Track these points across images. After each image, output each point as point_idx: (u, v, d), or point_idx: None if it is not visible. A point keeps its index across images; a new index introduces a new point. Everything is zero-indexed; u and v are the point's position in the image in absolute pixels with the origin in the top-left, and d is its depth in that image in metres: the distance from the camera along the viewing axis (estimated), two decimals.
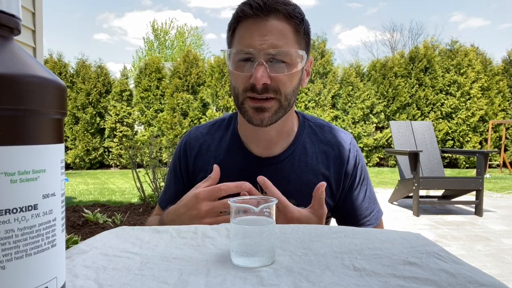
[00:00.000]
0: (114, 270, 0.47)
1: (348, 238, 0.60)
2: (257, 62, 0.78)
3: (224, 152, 0.94)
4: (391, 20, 53.99)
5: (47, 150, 0.24)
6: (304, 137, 0.94)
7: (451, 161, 10.18)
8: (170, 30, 26.27)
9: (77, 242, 2.72)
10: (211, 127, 1.00)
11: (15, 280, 0.23)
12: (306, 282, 0.43)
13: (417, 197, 4.18)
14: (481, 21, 53.99)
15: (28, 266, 0.23)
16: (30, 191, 0.23)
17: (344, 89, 10.05)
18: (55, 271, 0.26)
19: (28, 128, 0.23)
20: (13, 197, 0.23)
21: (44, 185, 0.25)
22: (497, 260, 2.77)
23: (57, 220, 0.26)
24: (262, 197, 0.53)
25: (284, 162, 0.90)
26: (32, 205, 0.23)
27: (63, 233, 0.28)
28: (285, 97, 0.82)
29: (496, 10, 55.80)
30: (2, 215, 0.22)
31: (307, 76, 0.92)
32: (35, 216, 0.24)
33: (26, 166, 0.23)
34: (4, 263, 0.22)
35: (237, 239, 0.49)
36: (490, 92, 10.00)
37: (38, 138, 0.24)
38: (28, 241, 0.23)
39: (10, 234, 0.22)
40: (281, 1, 0.80)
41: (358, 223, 0.94)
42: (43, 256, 0.25)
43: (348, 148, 0.94)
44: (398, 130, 4.97)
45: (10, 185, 0.22)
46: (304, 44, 0.84)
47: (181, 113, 9.91)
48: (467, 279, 0.43)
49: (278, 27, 0.79)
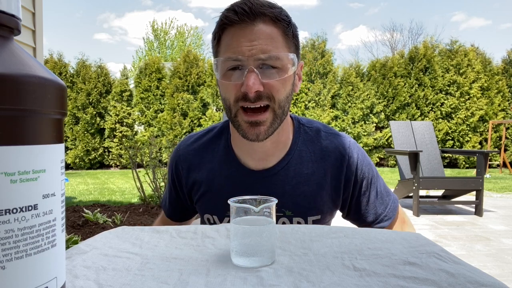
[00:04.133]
0: (114, 270, 0.47)
1: (348, 238, 0.60)
2: (247, 69, 0.74)
3: (218, 164, 0.91)
4: (392, 20, 53.99)
5: (47, 150, 0.24)
6: (299, 145, 0.90)
7: (451, 161, 10.17)
8: (170, 30, 26.27)
9: (77, 242, 2.71)
10: (201, 138, 0.96)
11: (15, 280, 0.23)
12: (306, 282, 0.43)
13: (417, 197, 4.18)
14: (483, 21, 54.00)
15: (28, 266, 0.23)
16: (30, 191, 0.23)
17: (344, 89, 10.05)
18: (55, 271, 0.26)
19: (28, 128, 0.23)
20: (13, 197, 0.22)
21: (44, 185, 0.24)
22: (497, 260, 2.77)
23: (57, 220, 0.26)
24: (262, 197, 0.53)
25: (279, 173, 0.87)
26: (32, 205, 0.23)
27: (63, 233, 0.28)
28: (279, 104, 0.78)
29: (497, 10, 55.78)
30: (2, 215, 0.22)
31: (299, 80, 0.88)
32: (35, 216, 0.24)
33: (26, 166, 0.23)
34: (4, 263, 0.22)
35: (237, 239, 0.49)
36: (490, 92, 10.00)
37: (38, 138, 0.24)
38: (28, 241, 0.23)
39: (10, 234, 0.22)
40: (266, 4, 0.77)
41: (377, 220, 0.91)
42: (43, 256, 0.25)
43: (346, 153, 0.90)
44: (398, 130, 4.96)
45: (10, 185, 0.22)
46: (294, 48, 0.81)
47: (181, 113, 9.90)
48: (467, 279, 0.43)
49: (266, 31, 0.76)
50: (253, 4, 0.76)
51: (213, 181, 0.90)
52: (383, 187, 0.95)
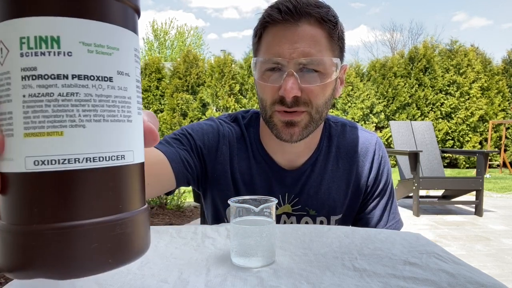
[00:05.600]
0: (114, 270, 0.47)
1: (348, 238, 0.60)
2: (286, 72, 0.71)
3: (251, 154, 0.86)
4: (392, 20, 54.03)
5: (121, 32, 0.27)
6: (325, 142, 0.88)
7: (451, 161, 10.18)
8: (170, 30, 26.28)
9: None
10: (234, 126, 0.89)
11: (94, 140, 0.25)
12: (306, 283, 0.43)
13: (417, 197, 4.18)
14: (484, 20, 54.02)
15: (105, 130, 0.25)
16: (106, 63, 0.25)
17: (344, 89, 10.05)
18: (132, 145, 0.27)
19: (107, 8, 0.26)
20: (90, 65, 0.25)
21: (119, 62, 0.26)
22: (497, 260, 2.77)
23: (132, 100, 0.27)
24: (262, 197, 0.53)
25: (306, 173, 0.85)
26: (108, 77, 0.25)
27: (139, 116, 0.28)
28: (317, 110, 0.75)
29: (499, 10, 55.78)
30: (81, 79, 0.24)
31: (341, 84, 0.83)
32: (111, 88, 0.25)
33: (102, 41, 0.25)
34: (84, 122, 0.24)
35: (237, 239, 0.49)
36: (490, 92, 10.00)
37: (114, 19, 0.26)
38: (105, 108, 0.25)
39: (89, 98, 0.24)
40: (313, 4, 0.72)
41: None
42: (120, 126, 0.26)
43: (372, 149, 0.87)
44: (398, 130, 4.97)
45: (88, 54, 0.24)
46: (338, 51, 0.77)
47: (181, 114, 9.91)
48: (467, 279, 0.43)
49: (310, 32, 0.71)
50: (299, 3, 0.71)
51: (247, 173, 0.86)
52: (394, 204, 0.91)
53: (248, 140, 0.87)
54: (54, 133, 0.24)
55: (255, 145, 0.87)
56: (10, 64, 0.24)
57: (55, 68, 0.24)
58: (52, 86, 0.24)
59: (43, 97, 0.23)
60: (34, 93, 0.23)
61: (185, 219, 3.88)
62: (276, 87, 0.73)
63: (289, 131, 0.75)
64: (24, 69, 0.23)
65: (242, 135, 0.88)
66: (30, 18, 0.23)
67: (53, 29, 0.23)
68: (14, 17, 0.24)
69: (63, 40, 0.24)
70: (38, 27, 0.23)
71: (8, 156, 0.24)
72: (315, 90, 0.73)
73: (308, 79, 0.73)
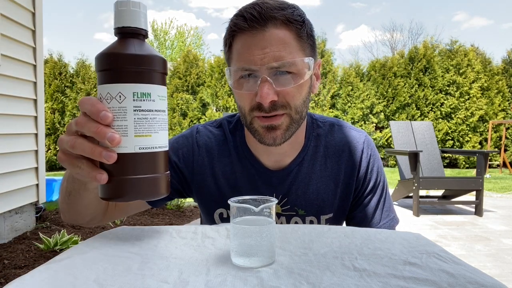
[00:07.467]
0: (114, 270, 0.47)
1: (348, 238, 0.60)
2: (260, 78, 0.71)
3: (236, 160, 0.87)
4: (392, 20, 54.00)
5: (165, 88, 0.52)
6: (312, 141, 0.88)
7: (451, 161, 10.17)
8: (170, 30, 26.27)
9: (77, 242, 2.71)
10: (217, 129, 0.92)
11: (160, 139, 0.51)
12: (307, 284, 0.43)
13: (417, 197, 4.18)
14: (485, 20, 53.94)
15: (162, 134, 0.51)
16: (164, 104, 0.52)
17: (344, 89, 10.05)
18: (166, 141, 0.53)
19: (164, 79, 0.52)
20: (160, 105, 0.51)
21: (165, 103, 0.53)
22: (497, 260, 2.77)
23: (166, 120, 0.53)
24: (262, 197, 0.53)
25: (292, 172, 0.86)
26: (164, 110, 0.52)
27: (167, 127, 0.54)
28: (296, 110, 0.75)
29: (500, 9, 55.75)
30: (157, 112, 0.51)
31: (317, 80, 0.83)
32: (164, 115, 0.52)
33: (163, 94, 0.52)
34: (158, 131, 0.50)
35: (237, 239, 0.49)
36: (489, 92, 10.00)
37: (164, 83, 0.52)
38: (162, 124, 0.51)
39: (159, 119, 0.51)
40: (277, 6, 0.72)
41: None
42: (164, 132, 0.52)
43: (360, 148, 0.87)
44: (398, 130, 4.97)
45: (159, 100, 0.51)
46: (309, 49, 0.77)
47: (181, 114, 9.91)
48: (467, 279, 0.43)
49: (278, 35, 0.71)
50: (263, 8, 0.71)
51: (231, 177, 0.87)
52: (388, 200, 0.91)
53: (232, 144, 0.88)
54: (147, 135, 0.49)
55: (240, 148, 0.88)
56: (126, 103, 0.48)
57: (148, 107, 0.49)
58: (147, 114, 0.49)
59: (143, 119, 0.49)
60: (139, 117, 0.49)
61: (185, 219, 3.88)
62: (252, 93, 0.73)
63: (271, 135, 0.76)
64: (135, 106, 0.48)
65: (225, 139, 0.89)
66: (139, 84, 0.48)
67: (147, 89, 0.49)
68: (130, 83, 0.48)
69: (151, 94, 0.49)
70: (140, 88, 0.49)
71: (123, 145, 0.48)
72: (291, 91, 0.74)
73: (282, 82, 0.73)
